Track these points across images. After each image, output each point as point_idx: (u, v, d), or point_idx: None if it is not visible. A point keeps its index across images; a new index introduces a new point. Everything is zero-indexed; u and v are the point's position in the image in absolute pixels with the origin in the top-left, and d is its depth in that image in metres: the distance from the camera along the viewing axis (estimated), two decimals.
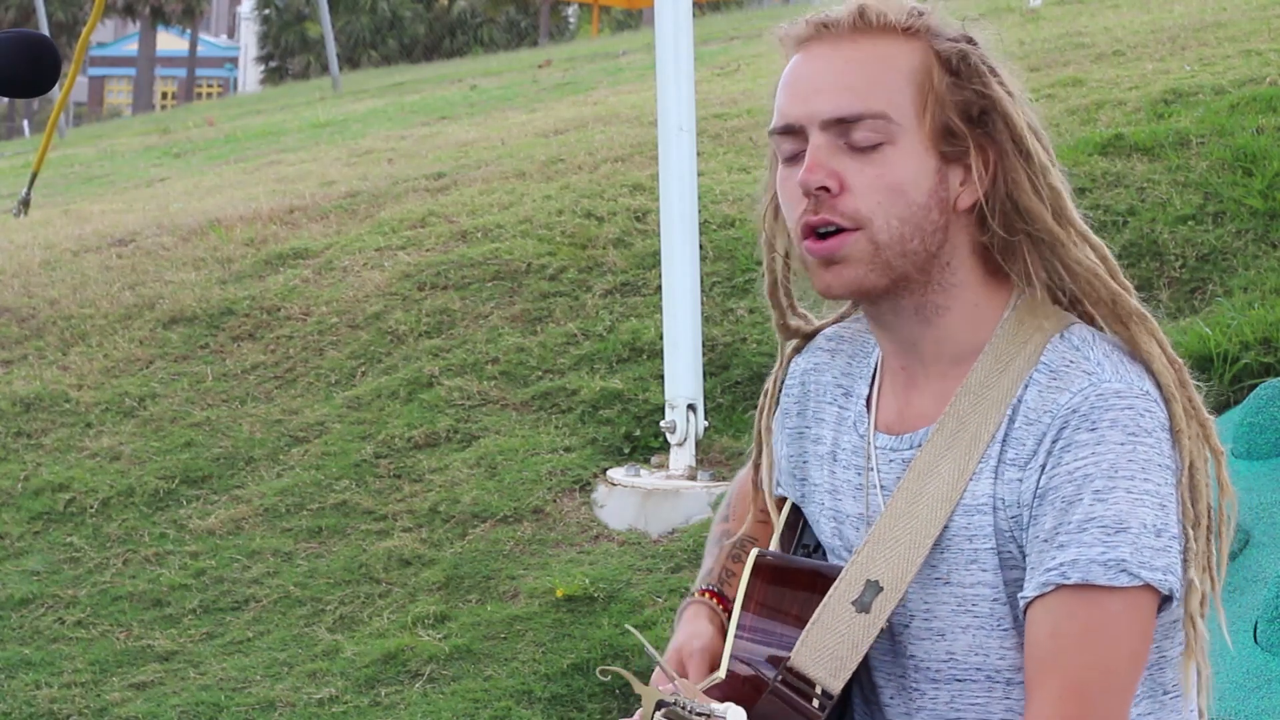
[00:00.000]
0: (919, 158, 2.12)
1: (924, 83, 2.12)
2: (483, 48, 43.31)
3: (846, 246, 2.12)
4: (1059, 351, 2.13)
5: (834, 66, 2.13)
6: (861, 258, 2.12)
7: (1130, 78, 8.73)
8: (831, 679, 2.15)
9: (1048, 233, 2.14)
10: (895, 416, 2.21)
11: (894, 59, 2.13)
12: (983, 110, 2.13)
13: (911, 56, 2.13)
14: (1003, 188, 2.14)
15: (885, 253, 2.12)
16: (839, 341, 2.33)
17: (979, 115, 2.13)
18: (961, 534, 2.13)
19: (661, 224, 6.34)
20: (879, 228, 2.11)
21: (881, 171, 2.11)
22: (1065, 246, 2.15)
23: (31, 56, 2.45)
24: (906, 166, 2.11)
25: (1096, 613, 2.05)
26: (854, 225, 2.11)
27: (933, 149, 2.12)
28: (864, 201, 2.11)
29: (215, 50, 67.39)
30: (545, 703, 5.33)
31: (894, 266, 2.12)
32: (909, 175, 2.11)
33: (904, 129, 2.11)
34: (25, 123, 38.30)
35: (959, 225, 2.15)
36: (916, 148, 2.12)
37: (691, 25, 6.41)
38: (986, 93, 2.13)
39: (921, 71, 2.12)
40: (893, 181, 2.11)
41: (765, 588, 2.24)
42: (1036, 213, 2.13)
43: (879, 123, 2.10)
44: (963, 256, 2.16)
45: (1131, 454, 2.06)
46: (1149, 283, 6.68)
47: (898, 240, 2.12)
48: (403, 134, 12.73)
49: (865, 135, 2.11)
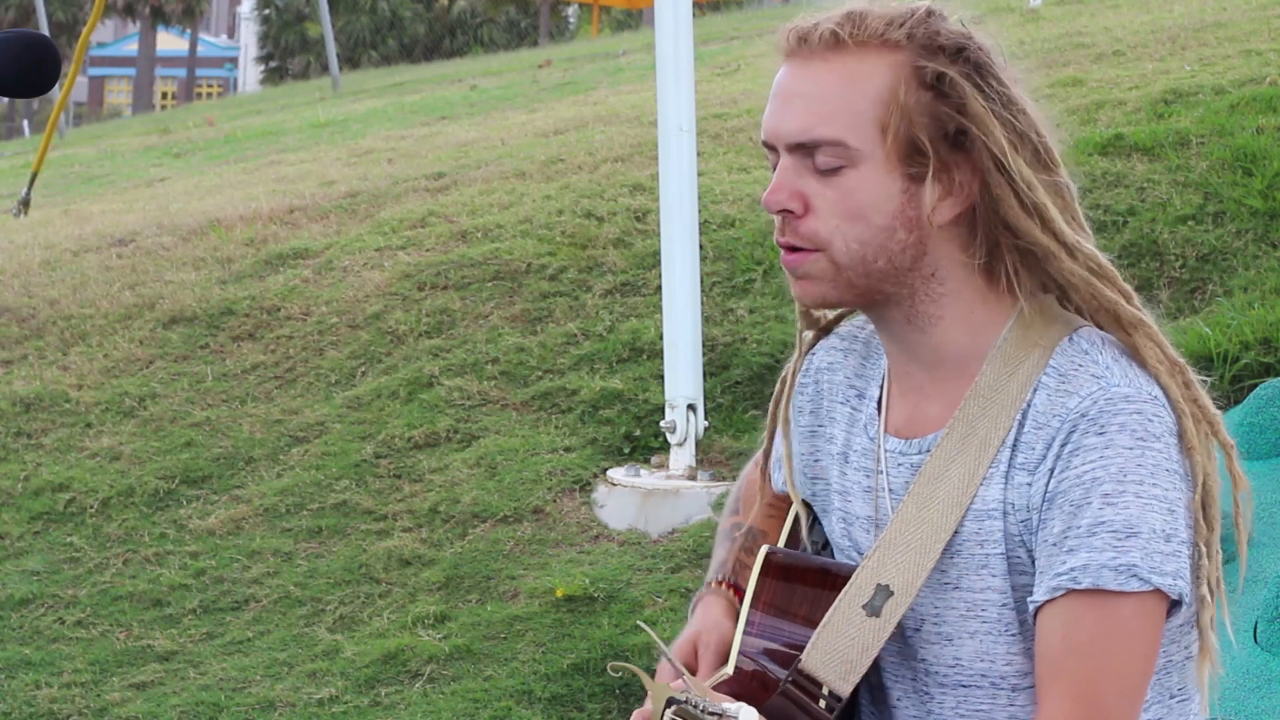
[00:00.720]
0: (879, 180, 2.11)
1: (889, 102, 2.10)
2: (483, 48, 43.30)
3: (807, 264, 2.13)
4: (1068, 355, 2.13)
5: (802, 87, 2.13)
6: (823, 276, 2.13)
7: (1130, 78, 8.73)
8: (841, 682, 2.15)
9: (1038, 246, 2.13)
10: (905, 420, 2.21)
11: (860, 79, 2.11)
12: (959, 128, 2.11)
13: (882, 75, 2.11)
14: (986, 202, 2.12)
15: (846, 273, 2.12)
16: (853, 341, 2.32)
17: (955, 133, 2.11)
18: (972, 539, 2.13)
19: (661, 224, 6.34)
20: (838, 250, 2.12)
21: (840, 195, 2.11)
22: (1058, 259, 2.14)
23: (31, 56, 2.45)
24: (866, 190, 2.10)
25: (1107, 617, 2.05)
26: (814, 247, 2.12)
27: (898, 170, 2.11)
28: (824, 225, 2.11)
29: (215, 50, 67.39)
30: (545, 703, 5.33)
31: (857, 285, 2.13)
32: (869, 199, 2.11)
33: (864, 153, 2.10)
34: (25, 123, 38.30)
35: (943, 238, 2.13)
36: (878, 170, 2.10)
37: (691, 25, 6.40)
38: (964, 110, 2.10)
39: (888, 90, 2.10)
40: (851, 206, 2.11)
41: (774, 585, 2.24)
42: (1023, 228, 2.12)
43: (837, 149, 2.10)
44: (951, 267, 2.15)
45: (1140, 459, 2.06)
46: (1149, 283, 6.68)
47: (858, 261, 2.12)
48: (403, 134, 12.73)
49: (825, 160, 2.11)
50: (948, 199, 2.12)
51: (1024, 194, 2.11)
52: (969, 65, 2.12)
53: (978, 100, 2.11)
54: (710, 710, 1.99)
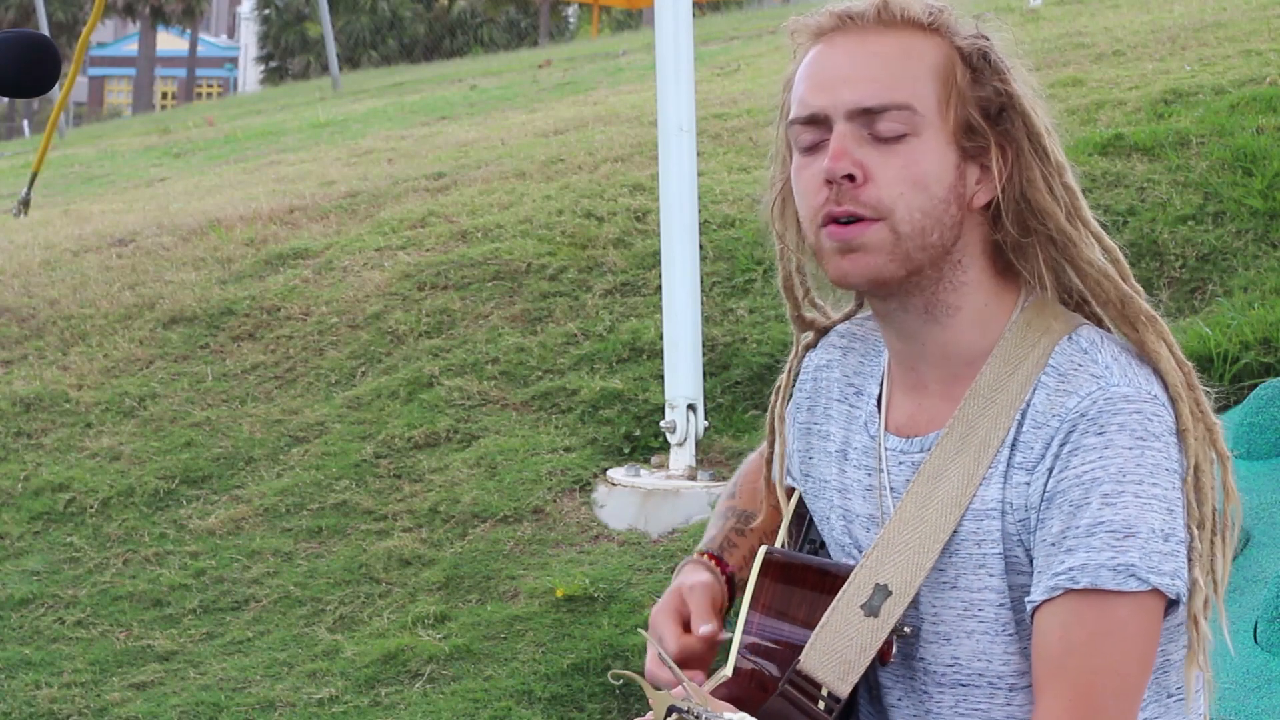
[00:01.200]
0: (941, 151, 2.12)
1: (947, 78, 2.12)
2: (483, 48, 43.30)
3: (868, 234, 2.11)
4: (1067, 354, 2.13)
5: (859, 57, 2.13)
6: (882, 247, 2.11)
7: (1130, 78, 8.73)
8: (839, 682, 2.15)
9: (1061, 232, 2.14)
10: (906, 419, 2.21)
11: (918, 52, 2.13)
12: (1001, 108, 2.13)
13: (935, 51, 2.13)
14: (1018, 186, 2.14)
15: (906, 244, 2.11)
16: (851, 339, 2.32)
17: (998, 113, 2.13)
18: (970, 539, 2.13)
19: (661, 224, 6.34)
20: (901, 218, 2.11)
21: (905, 163, 2.11)
22: (1078, 247, 2.15)
23: (31, 56, 2.45)
24: (929, 159, 2.11)
25: (1105, 617, 2.05)
26: (876, 215, 2.11)
27: (954, 144, 2.12)
28: (887, 192, 2.11)
29: (215, 50, 67.39)
30: (545, 703, 5.33)
31: (912, 258, 2.12)
32: (932, 168, 2.11)
33: (928, 122, 2.11)
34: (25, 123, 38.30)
35: (973, 223, 2.15)
36: (940, 141, 2.12)
37: (691, 25, 6.40)
38: (1007, 90, 2.13)
39: (945, 66, 2.13)
40: (916, 173, 2.11)
41: (773, 585, 2.24)
42: (1051, 212, 2.13)
43: (904, 114, 2.10)
44: (974, 255, 2.16)
45: (1140, 459, 2.06)
46: (1149, 283, 6.68)
47: (919, 232, 2.11)
48: (403, 134, 12.73)
49: (890, 126, 2.11)
50: (984, 182, 2.14)
51: (1054, 179, 2.14)
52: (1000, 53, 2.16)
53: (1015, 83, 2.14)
54: (712, 718, 1.99)
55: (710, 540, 2.41)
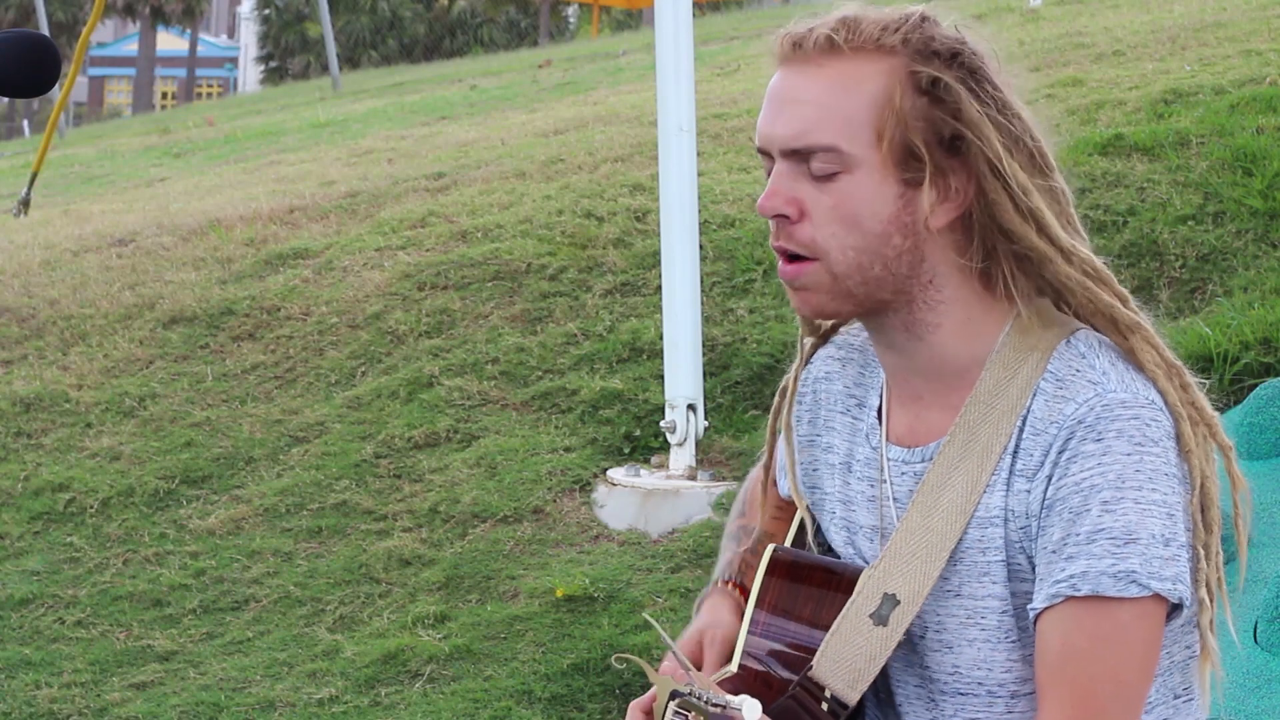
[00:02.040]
0: (875, 186, 2.09)
1: (884, 107, 2.09)
2: (483, 48, 43.30)
3: (805, 274, 2.12)
4: (1065, 359, 2.12)
5: (796, 93, 2.12)
6: (820, 286, 2.12)
7: (1130, 78, 8.73)
8: (849, 690, 2.15)
9: (1034, 251, 2.12)
10: (906, 429, 2.21)
11: (856, 83, 2.10)
12: (954, 133, 2.10)
13: (875, 80, 2.10)
14: (982, 208, 2.11)
15: (845, 282, 2.11)
16: (850, 350, 2.31)
17: (950, 138, 2.10)
18: (975, 547, 2.13)
19: (661, 224, 6.34)
20: (835, 259, 2.10)
21: (836, 201, 2.10)
22: (1054, 263, 2.13)
23: (31, 56, 2.45)
24: (862, 196, 2.09)
25: (1106, 623, 2.05)
26: (811, 255, 2.11)
27: (893, 175, 2.10)
28: (820, 232, 2.10)
29: (215, 50, 67.39)
30: (545, 703, 5.33)
31: (855, 294, 2.12)
32: (864, 205, 2.09)
33: (859, 158, 2.09)
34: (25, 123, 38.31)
35: (939, 244, 2.13)
36: (873, 176, 2.09)
37: (691, 25, 6.40)
38: (959, 116, 2.09)
39: (883, 95, 2.09)
40: (847, 212, 2.09)
41: (780, 584, 2.25)
42: (1020, 233, 2.11)
43: (831, 155, 2.09)
44: (949, 273, 2.14)
45: (1139, 464, 2.06)
46: (1149, 283, 6.68)
47: (855, 269, 2.11)
48: (403, 134, 12.73)
49: (820, 166, 2.10)
50: (943, 204, 2.11)
51: (1019, 199, 2.11)
52: (964, 70, 2.11)
53: (973, 105, 2.10)
54: (714, 702, 1.99)
55: (727, 565, 2.40)
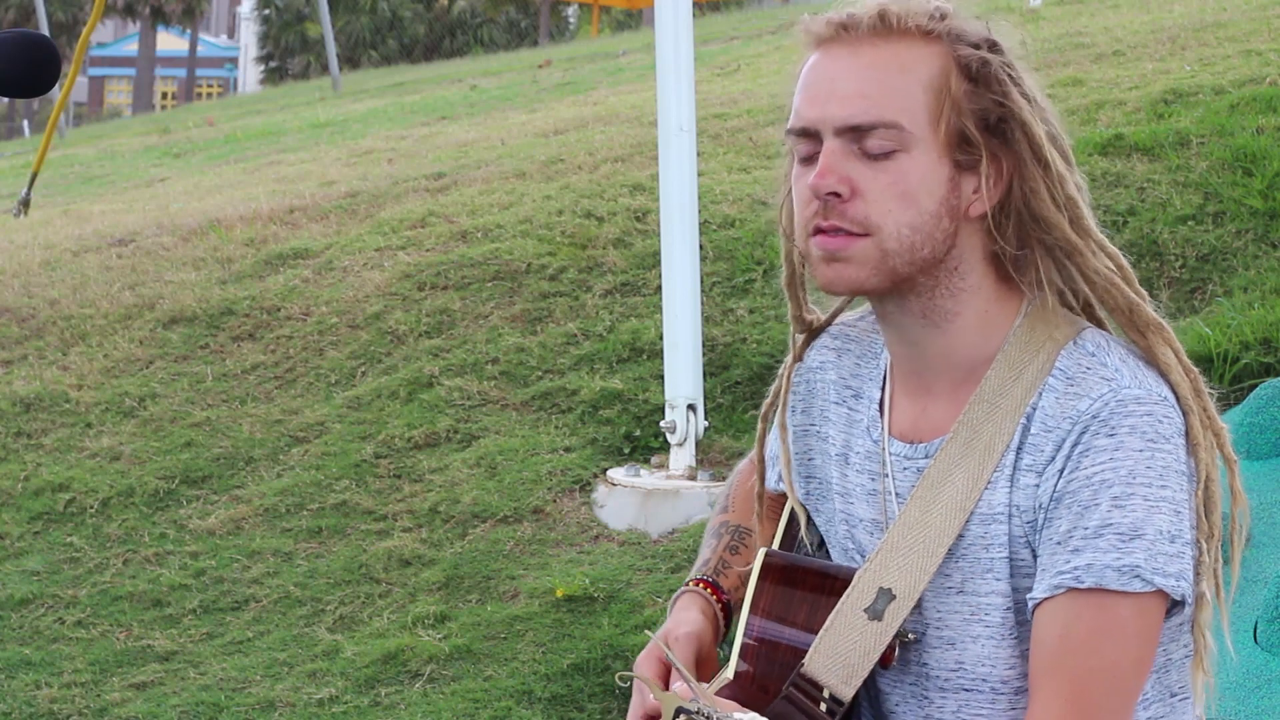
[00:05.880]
0: (932, 166, 2.10)
1: (941, 90, 2.11)
2: (483, 48, 43.29)
3: (853, 248, 2.11)
4: (1074, 358, 2.13)
5: (850, 71, 2.12)
6: (867, 261, 2.11)
7: (1130, 78, 8.73)
8: (843, 685, 2.15)
9: (1066, 242, 2.13)
10: (910, 424, 2.20)
11: (912, 64, 2.11)
12: (1000, 118, 2.11)
13: (930, 62, 2.11)
14: (1019, 196, 2.13)
15: (892, 260, 2.11)
16: (845, 340, 2.31)
17: (996, 123, 2.12)
18: (977, 543, 2.13)
19: (661, 224, 6.34)
20: (889, 235, 2.10)
21: (894, 179, 2.10)
22: (1084, 256, 2.14)
23: (31, 56, 2.45)
24: (919, 174, 2.10)
25: (1106, 616, 2.05)
26: (864, 231, 2.10)
27: (946, 157, 2.11)
28: (875, 208, 2.10)
29: (215, 50, 67.38)
30: (545, 703, 5.33)
31: (898, 272, 2.12)
32: (921, 183, 2.10)
33: (917, 137, 2.10)
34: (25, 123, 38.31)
35: (970, 231, 2.14)
36: (930, 155, 2.10)
37: (691, 25, 6.40)
38: (1005, 101, 2.11)
39: (939, 78, 2.11)
40: (905, 189, 2.10)
41: (773, 589, 2.24)
42: (1054, 222, 2.12)
43: (892, 132, 2.09)
44: (973, 262, 2.15)
45: (1150, 460, 2.06)
46: (1149, 283, 6.68)
47: (907, 248, 2.11)
48: (403, 134, 12.73)
49: (878, 143, 2.10)
50: (984, 191, 2.13)
51: (1056, 188, 2.12)
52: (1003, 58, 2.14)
53: (1017, 92, 2.12)
54: (720, 718, 1.99)
55: (704, 564, 2.40)
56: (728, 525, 2.43)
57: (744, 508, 2.43)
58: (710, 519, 2.47)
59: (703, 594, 2.35)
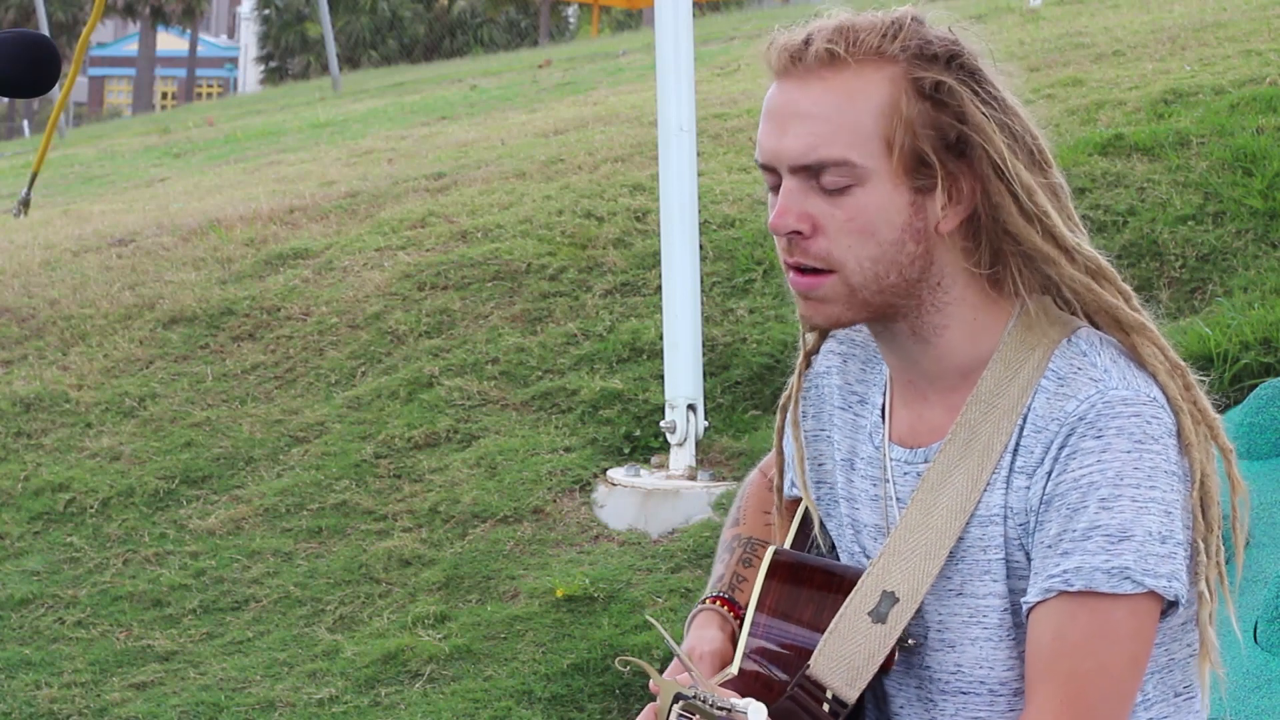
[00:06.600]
0: (888, 195, 2.09)
1: (892, 115, 2.08)
2: (483, 48, 43.29)
3: (822, 287, 2.11)
4: (1066, 357, 2.12)
5: (800, 108, 2.10)
6: (837, 298, 2.12)
7: (1130, 78, 8.73)
8: (847, 688, 2.15)
9: (1037, 252, 2.12)
10: (908, 429, 2.21)
11: (861, 92, 2.09)
12: (959, 136, 2.09)
13: (881, 87, 2.09)
14: (986, 210, 2.11)
15: (861, 293, 2.11)
16: (851, 345, 2.31)
17: (956, 140, 2.10)
18: (976, 545, 2.13)
19: (661, 224, 6.34)
20: (851, 270, 2.10)
21: (850, 215, 2.09)
22: (1058, 264, 2.13)
23: (31, 56, 2.45)
24: (875, 206, 2.09)
25: (1098, 619, 2.05)
26: (828, 268, 2.10)
27: (904, 183, 2.09)
28: (836, 245, 2.09)
29: (215, 50, 67.38)
30: (545, 703, 5.33)
31: (871, 303, 2.12)
32: (879, 214, 2.09)
33: (870, 169, 2.08)
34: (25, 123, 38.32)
35: (946, 246, 2.13)
36: (885, 185, 2.09)
37: (691, 25, 6.40)
38: (963, 118, 2.09)
39: (890, 104, 2.08)
40: (863, 224, 2.09)
41: (780, 587, 2.24)
42: (1023, 235, 2.11)
43: (844, 168, 2.08)
44: (955, 275, 2.14)
45: (1138, 461, 2.06)
46: (1149, 283, 6.68)
47: (872, 280, 2.10)
48: (403, 134, 12.73)
49: (832, 179, 2.09)
50: (951, 207, 2.11)
51: (1023, 200, 2.11)
52: (963, 71, 2.11)
53: (975, 107, 2.09)
54: (719, 705, 1.99)
55: (718, 580, 2.40)
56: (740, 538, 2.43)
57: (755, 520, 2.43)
58: (722, 533, 2.47)
59: (720, 611, 2.35)
